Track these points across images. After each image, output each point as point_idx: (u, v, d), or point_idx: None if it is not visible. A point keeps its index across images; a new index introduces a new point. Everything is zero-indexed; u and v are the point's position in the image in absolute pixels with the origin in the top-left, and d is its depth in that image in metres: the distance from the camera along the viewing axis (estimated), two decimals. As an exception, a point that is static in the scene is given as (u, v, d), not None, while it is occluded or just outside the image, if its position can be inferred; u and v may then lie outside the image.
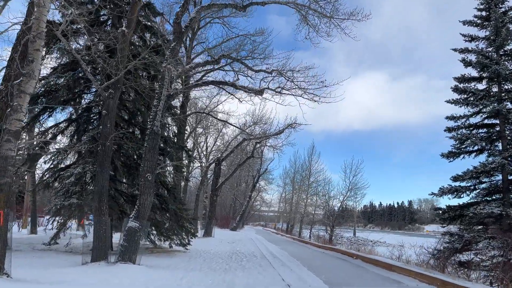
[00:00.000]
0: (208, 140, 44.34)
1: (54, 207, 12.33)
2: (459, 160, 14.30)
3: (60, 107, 15.43)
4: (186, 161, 17.70)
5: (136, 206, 10.89)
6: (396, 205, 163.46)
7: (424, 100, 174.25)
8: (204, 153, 44.15)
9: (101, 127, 11.52)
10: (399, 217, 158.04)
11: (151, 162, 10.97)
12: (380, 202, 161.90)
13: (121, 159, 13.92)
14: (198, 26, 26.25)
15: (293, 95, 12.08)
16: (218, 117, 27.00)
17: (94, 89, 14.92)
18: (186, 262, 12.27)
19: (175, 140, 18.16)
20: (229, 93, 27.08)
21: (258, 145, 28.83)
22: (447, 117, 12.85)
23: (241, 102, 27.67)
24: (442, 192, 11.75)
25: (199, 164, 44.06)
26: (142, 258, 12.21)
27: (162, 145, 14.46)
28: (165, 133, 15.42)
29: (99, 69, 12.52)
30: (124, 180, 14.69)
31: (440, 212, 11.87)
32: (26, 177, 21.81)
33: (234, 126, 26.13)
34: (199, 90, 27.31)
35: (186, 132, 36.72)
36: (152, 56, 12.34)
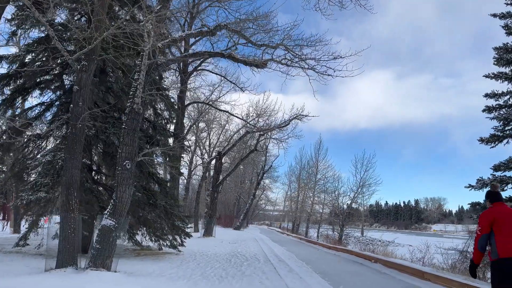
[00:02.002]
0: (211, 136, 42.55)
1: (20, 202, 10.45)
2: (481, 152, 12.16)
3: (38, 90, 13.67)
4: (176, 148, 15.81)
5: (112, 201, 8.98)
6: (402, 204, 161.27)
7: (430, 99, 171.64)
8: (207, 149, 42.31)
9: (71, 106, 9.61)
10: (406, 216, 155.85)
11: (130, 147, 9.05)
12: (386, 201, 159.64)
13: (100, 147, 12.04)
14: (197, 10, 24.35)
15: (302, 67, 10.10)
16: (220, 108, 25.09)
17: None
18: (176, 267, 10.35)
19: (171, 129, 16.31)
20: (231, 82, 25.31)
21: (262, 138, 26.85)
22: (486, 95, 10.80)
23: (243, 91, 25.92)
24: (482, 183, 9.76)
25: (201, 161, 42.31)
26: (124, 262, 10.31)
27: (150, 131, 12.57)
28: (152, 117, 13.55)
29: (73, 38, 10.66)
30: (105, 171, 12.81)
31: (478, 207, 9.86)
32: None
33: (236, 116, 24.22)
34: (196, 75, 25.42)
35: (185, 126, 34.89)
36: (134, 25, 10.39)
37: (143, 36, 9.81)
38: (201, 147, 41.38)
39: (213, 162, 29.19)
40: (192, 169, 48.86)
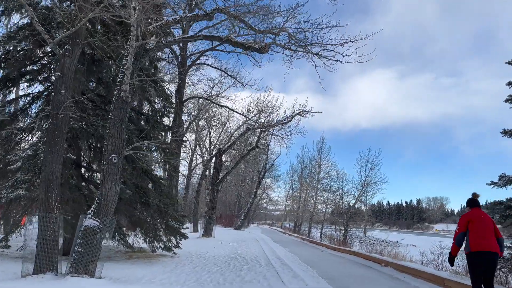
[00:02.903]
0: (211, 134, 41.66)
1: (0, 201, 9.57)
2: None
3: (26, 83, 12.79)
4: (172, 143, 14.91)
5: (96, 199, 8.09)
6: (404, 204, 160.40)
7: (432, 98, 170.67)
8: (207, 147, 41.44)
9: (53, 94, 8.73)
10: (407, 216, 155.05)
11: (117, 140, 8.16)
12: (388, 201, 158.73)
13: (91, 142, 11.14)
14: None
15: (308, 52, 9.18)
16: (219, 103, 24.18)
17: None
18: (169, 271, 9.45)
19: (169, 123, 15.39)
20: (231, 76, 24.40)
21: (263, 135, 25.93)
22: (509, 83, 9.85)
23: (244, 87, 24.99)
24: (506, 180, 8.82)
25: (201, 160, 41.41)
26: (112, 266, 9.43)
27: (143, 123, 11.67)
28: (148, 112, 12.66)
29: (57, 22, 9.77)
30: (96, 168, 11.93)
31: (503, 207, 8.93)
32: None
33: (236, 112, 23.33)
34: (195, 69, 24.50)
35: (184, 123, 33.97)
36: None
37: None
38: (201, 145, 40.57)
39: (213, 160, 28.29)
40: (192, 168, 48.08)
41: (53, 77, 10.17)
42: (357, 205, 30.24)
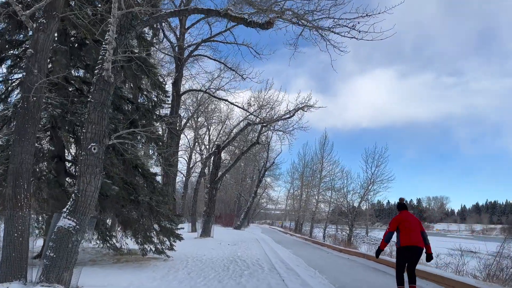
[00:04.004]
0: (211, 132, 40.50)
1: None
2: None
3: (5, 69, 11.65)
4: (164, 133, 13.77)
5: (73, 195, 6.95)
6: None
7: (432, 98, 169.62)
8: (206, 144, 40.32)
9: (24, 74, 7.60)
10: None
11: (98, 127, 7.02)
12: (388, 200, 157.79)
13: (73, 132, 9.99)
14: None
15: (319, 29, 8.03)
16: (218, 97, 23.03)
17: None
18: (159, 278, 8.31)
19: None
20: (230, 68, 23.22)
21: (264, 130, 24.76)
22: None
23: (244, 79, 23.82)
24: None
25: (200, 158, 40.22)
26: (95, 272, 8.30)
27: (128, 108, 10.52)
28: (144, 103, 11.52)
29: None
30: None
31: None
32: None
33: (236, 106, 22.18)
34: (193, 61, 23.35)
35: (183, 120, 32.79)
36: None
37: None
38: (200, 143, 39.45)
39: (212, 157, 27.13)
40: (191, 166, 46.89)
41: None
42: (363, 204, 29.02)
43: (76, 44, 11.33)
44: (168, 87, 19.58)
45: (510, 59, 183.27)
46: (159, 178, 24.25)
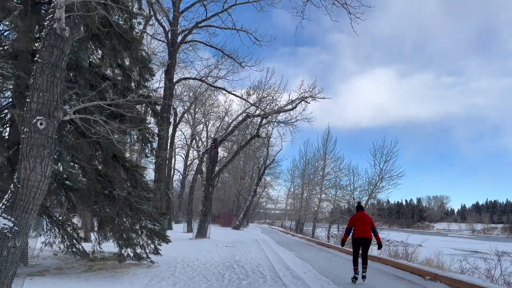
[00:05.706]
0: (208, 128, 38.77)
1: None
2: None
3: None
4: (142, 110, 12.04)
5: (11, 186, 5.22)
6: (404, 203, 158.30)
7: (432, 97, 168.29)
8: (203, 140, 38.58)
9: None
10: (408, 215, 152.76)
11: (47, 95, 5.29)
12: (388, 200, 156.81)
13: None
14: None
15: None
16: (215, 86, 21.29)
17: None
18: (135, 293, 6.58)
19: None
20: (228, 56, 21.43)
21: (265, 122, 23.03)
22: None
23: (243, 68, 22.05)
24: None
25: (197, 155, 38.46)
26: (55, 284, 6.57)
27: (105, 85, 8.74)
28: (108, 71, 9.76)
29: None
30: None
31: None
32: None
33: (234, 95, 20.46)
34: (187, 47, 21.62)
35: (178, 113, 31.03)
36: None
37: None
38: (197, 139, 37.69)
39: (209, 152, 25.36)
40: (188, 164, 45.12)
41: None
42: (368, 201, 27.27)
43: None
44: (149, 57, 17.68)
45: (510, 59, 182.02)
46: (151, 174, 22.58)
